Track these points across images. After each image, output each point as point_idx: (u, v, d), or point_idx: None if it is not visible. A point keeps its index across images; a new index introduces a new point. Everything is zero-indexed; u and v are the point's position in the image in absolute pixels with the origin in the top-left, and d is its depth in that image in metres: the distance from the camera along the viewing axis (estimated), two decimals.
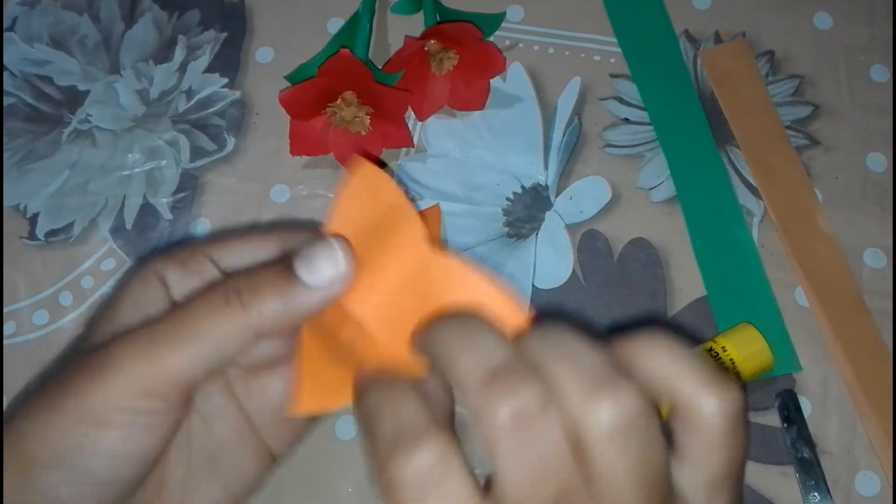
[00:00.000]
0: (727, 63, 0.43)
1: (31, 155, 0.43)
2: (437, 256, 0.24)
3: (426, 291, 0.24)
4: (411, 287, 0.25)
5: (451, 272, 0.24)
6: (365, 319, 0.24)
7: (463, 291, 0.24)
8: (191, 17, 0.46)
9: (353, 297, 0.25)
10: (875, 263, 0.39)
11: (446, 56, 0.42)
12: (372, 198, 0.25)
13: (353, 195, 0.26)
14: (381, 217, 0.25)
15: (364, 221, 0.25)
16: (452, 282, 0.24)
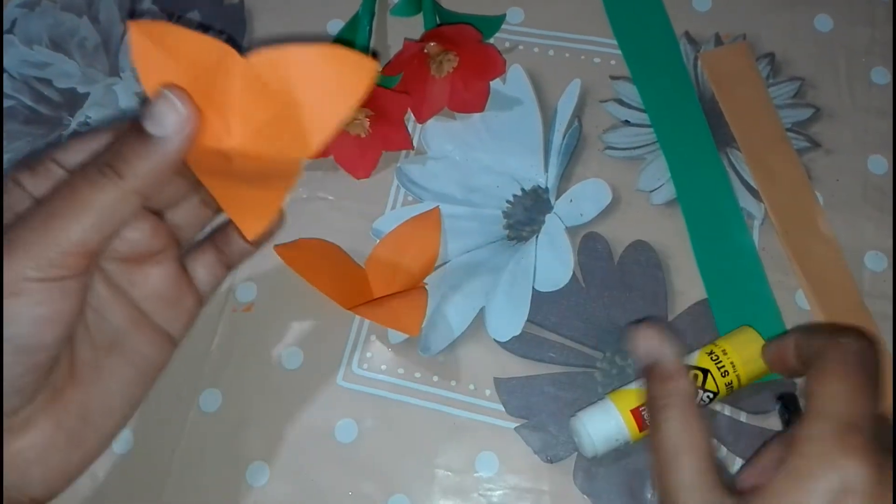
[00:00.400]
0: (728, 65, 0.43)
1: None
2: (257, 57, 0.27)
3: (276, 90, 0.27)
4: (260, 99, 0.27)
5: (284, 61, 0.27)
6: (236, 146, 0.27)
7: (307, 68, 0.27)
8: (190, 20, 0.46)
9: (213, 136, 0.27)
10: (876, 266, 0.39)
11: (446, 58, 0.41)
12: (163, 48, 0.27)
13: (145, 53, 0.27)
14: (182, 58, 0.27)
15: (171, 70, 0.27)
16: (294, 65, 0.27)
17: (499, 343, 0.39)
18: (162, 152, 0.27)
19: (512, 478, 0.36)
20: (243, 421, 0.38)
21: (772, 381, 0.37)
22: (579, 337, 0.38)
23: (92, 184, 0.26)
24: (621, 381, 0.38)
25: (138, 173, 0.26)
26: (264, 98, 0.27)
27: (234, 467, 0.37)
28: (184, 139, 0.27)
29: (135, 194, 0.27)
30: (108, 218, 0.27)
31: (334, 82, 0.27)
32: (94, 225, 0.26)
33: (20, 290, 0.26)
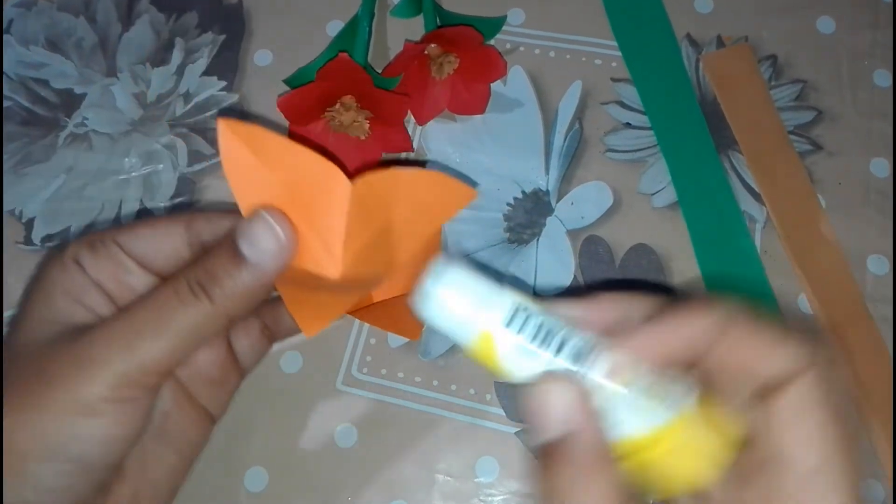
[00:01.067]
0: (729, 67, 0.43)
1: (26, 159, 0.43)
2: (364, 181, 0.25)
3: (376, 212, 0.26)
4: (363, 224, 0.26)
5: (387, 183, 0.25)
6: (336, 273, 0.26)
7: (408, 192, 0.26)
8: (189, 19, 0.46)
9: (312, 260, 0.26)
10: (878, 270, 0.39)
11: (446, 60, 0.41)
12: (257, 153, 0.25)
13: (236, 156, 0.26)
14: (281, 170, 0.26)
15: (267, 181, 0.26)
16: (395, 189, 0.26)
17: None
18: (256, 277, 0.26)
19: (512, 483, 0.36)
20: (241, 426, 0.38)
21: None
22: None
23: (182, 303, 0.26)
24: None
25: (229, 296, 0.26)
26: (366, 223, 0.26)
27: (232, 472, 0.37)
28: (280, 265, 0.26)
29: (222, 318, 0.26)
30: (193, 339, 0.26)
31: (433, 204, 0.26)
32: (178, 346, 0.26)
33: (96, 411, 0.25)
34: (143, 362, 0.25)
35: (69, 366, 0.25)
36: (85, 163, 0.43)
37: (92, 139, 0.43)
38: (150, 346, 0.25)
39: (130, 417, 0.26)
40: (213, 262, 0.26)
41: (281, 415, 0.38)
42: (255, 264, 0.26)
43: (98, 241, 0.28)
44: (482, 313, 0.22)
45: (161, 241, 0.29)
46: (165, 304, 0.26)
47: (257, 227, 0.26)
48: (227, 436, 0.37)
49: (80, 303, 0.27)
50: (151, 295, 0.27)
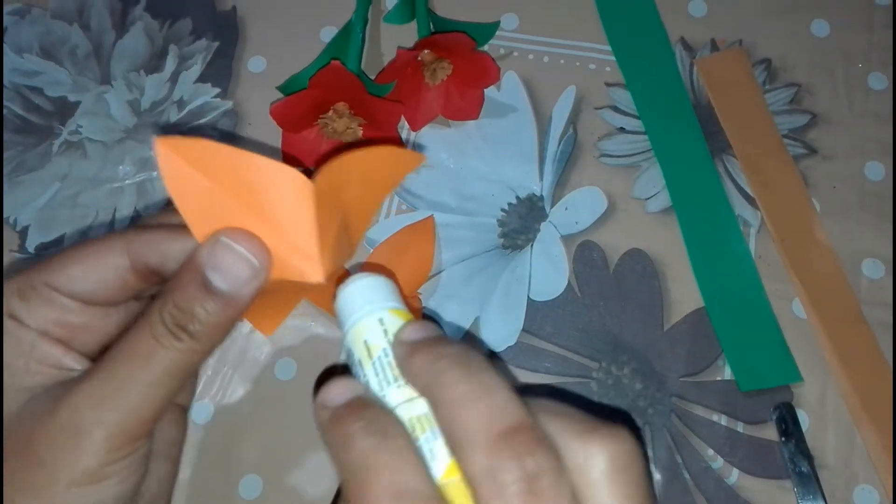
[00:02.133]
0: (724, 71, 0.43)
1: (21, 167, 0.43)
2: (322, 177, 0.24)
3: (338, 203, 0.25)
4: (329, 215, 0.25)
5: (342, 170, 0.24)
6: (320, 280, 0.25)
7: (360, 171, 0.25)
8: (182, 26, 0.46)
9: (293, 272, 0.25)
10: (873, 274, 0.39)
11: (440, 66, 0.41)
12: (202, 168, 0.24)
13: (178, 174, 0.24)
14: (232, 181, 0.24)
15: (218, 195, 0.24)
16: (349, 173, 0.24)
17: (494, 353, 0.38)
18: (232, 307, 0.25)
19: None
20: (236, 433, 0.38)
21: (769, 391, 0.37)
22: (575, 347, 0.38)
23: (164, 347, 0.25)
24: (617, 391, 0.37)
25: (209, 331, 0.25)
26: (331, 217, 0.25)
27: (226, 480, 0.37)
28: (256, 287, 0.25)
29: (205, 352, 0.26)
30: (181, 377, 0.25)
31: (382, 177, 0.26)
32: (168, 389, 0.25)
33: (99, 476, 0.25)
34: (137, 415, 0.25)
35: (60, 439, 0.24)
36: (79, 170, 0.43)
37: (86, 147, 0.43)
38: (140, 397, 0.25)
39: (135, 469, 0.26)
40: (182, 296, 0.25)
41: (275, 422, 0.38)
42: (228, 294, 0.25)
43: (28, 287, 0.26)
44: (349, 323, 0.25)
45: (98, 274, 0.27)
46: (147, 352, 0.25)
47: (224, 257, 0.24)
48: (221, 444, 0.37)
49: (35, 360, 0.26)
50: (128, 343, 0.25)
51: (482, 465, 0.20)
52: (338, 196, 0.25)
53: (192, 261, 0.25)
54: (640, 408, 0.37)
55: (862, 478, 0.36)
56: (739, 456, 0.36)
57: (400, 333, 0.24)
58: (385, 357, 0.24)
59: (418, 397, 0.23)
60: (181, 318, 0.25)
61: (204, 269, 0.25)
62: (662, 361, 0.38)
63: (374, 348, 0.24)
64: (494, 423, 0.20)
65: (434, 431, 0.22)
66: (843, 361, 0.37)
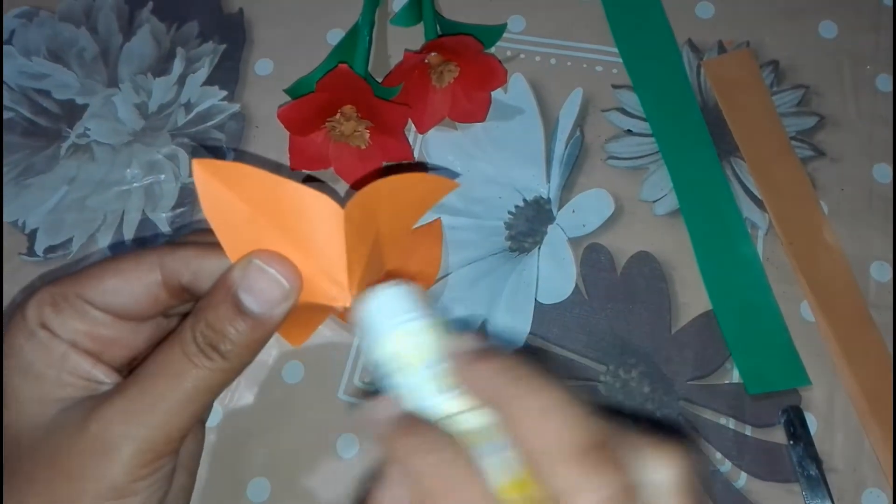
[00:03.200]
0: (731, 73, 0.43)
1: (29, 170, 0.43)
2: (354, 203, 0.24)
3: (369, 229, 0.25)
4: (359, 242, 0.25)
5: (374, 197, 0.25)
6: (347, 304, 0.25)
7: (392, 198, 0.25)
8: (189, 29, 0.46)
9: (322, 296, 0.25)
10: (881, 276, 0.39)
11: (447, 69, 0.41)
12: (237, 191, 0.24)
13: (214, 196, 0.24)
14: (266, 205, 0.24)
15: (252, 218, 0.25)
16: (380, 200, 0.25)
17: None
18: (263, 329, 0.25)
19: None
20: (244, 436, 0.38)
21: (777, 394, 0.37)
22: (582, 350, 0.38)
23: (195, 366, 0.25)
24: (625, 394, 0.37)
25: (240, 352, 0.25)
26: (362, 243, 0.25)
27: (235, 483, 0.37)
28: (287, 309, 0.25)
29: (234, 372, 0.26)
30: (211, 396, 0.26)
31: (414, 203, 0.26)
32: (197, 407, 0.25)
33: (127, 492, 0.25)
34: (166, 432, 0.25)
35: (89, 454, 0.25)
36: (87, 174, 0.43)
37: (94, 150, 0.43)
38: (170, 414, 0.25)
39: (161, 486, 0.26)
40: (215, 316, 0.25)
41: (283, 425, 0.38)
42: (259, 315, 0.25)
43: (61, 298, 0.27)
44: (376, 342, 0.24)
45: (132, 288, 0.27)
46: (178, 370, 0.25)
47: (256, 278, 0.25)
48: (229, 447, 0.37)
49: (66, 371, 0.26)
50: (160, 360, 0.26)
51: (567, 478, 0.19)
52: (369, 222, 0.25)
53: (225, 281, 0.25)
54: (648, 411, 0.37)
55: (870, 481, 0.35)
56: (747, 459, 0.36)
57: (457, 344, 0.23)
58: (432, 367, 0.23)
59: (478, 408, 0.22)
60: (213, 337, 0.25)
61: (236, 289, 0.25)
62: (670, 365, 0.38)
63: (419, 358, 0.23)
64: (576, 436, 0.20)
65: (502, 442, 0.21)
66: (851, 364, 0.37)
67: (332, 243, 0.24)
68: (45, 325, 0.26)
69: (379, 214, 0.26)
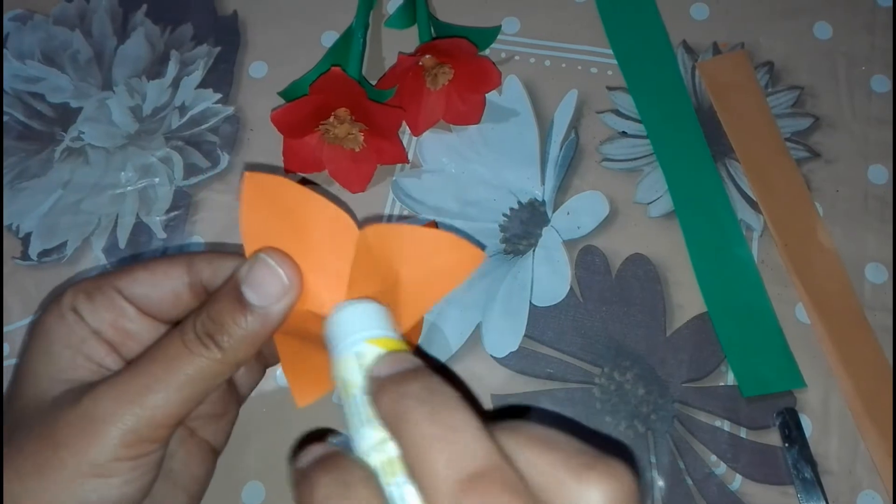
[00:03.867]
0: (726, 74, 0.43)
1: (23, 174, 0.43)
2: (372, 230, 0.25)
3: (384, 265, 0.26)
4: (370, 273, 0.26)
5: (396, 238, 0.25)
6: None
7: (417, 250, 0.26)
8: (184, 32, 0.46)
9: (315, 303, 0.26)
10: (876, 278, 0.39)
11: (441, 71, 0.41)
12: (274, 203, 0.26)
13: (254, 206, 0.26)
14: (293, 217, 0.26)
15: (277, 228, 0.26)
16: (403, 245, 0.26)
17: (496, 359, 0.38)
18: (261, 322, 0.26)
19: None
20: (239, 440, 0.37)
21: (772, 396, 0.37)
22: (577, 352, 0.38)
23: (191, 353, 0.26)
24: (620, 396, 0.37)
25: (236, 344, 0.26)
26: (373, 273, 0.26)
27: (229, 487, 0.37)
28: (284, 309, 0.26)
29: (230, 365, 0.26)
30: (204, 388, 0.26)
31: (442, 267, 0.26)
32: (189, 396, 0.26)
33: (107, 472, 0.25)
34: (154, 416, 0.25)
35: (77, 427, 0.25)
36: (81, 177, 0.43)
37: (88, 153, 0.43)
38: (161, 399, 0.25)
39: (142, 473, 0.26)
40: (217, 308, 0.26)
41: (278, 429, 0.38)
42: (259, 309, 0.26)
43: (95, 288, 0.28)
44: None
45: (161, 285, 0.28)
46: (174, 355, 0.26)
47: (259, 271, 0.26)
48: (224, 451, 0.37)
49: (82, 354, 0.27)
50: (158, 346, 0.26)
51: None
52: (387, 261, 0.26)
53: (233, 277, 0.26)
54: (643, 413, 0.37)
55: (866, 483, 0.35)
56: (742, 462, 0.36)
57: (372, 369, 0.22)
58: (360, 395, 0.22)
59: (386, 438, 0.21)
60: (212, 328, 0.26)
61: (240, 283, 0.26)
62: (665, 367, 0.38)
63: (351, 386, 0.23)
64: (459, 466, 0.19)
65: (403, 477, 0.20)
66: (846, 366, 0.37)
67: (340, 258, 0.26)
68: (75, 310, 0.27)
69: (401, 261, 0.26)
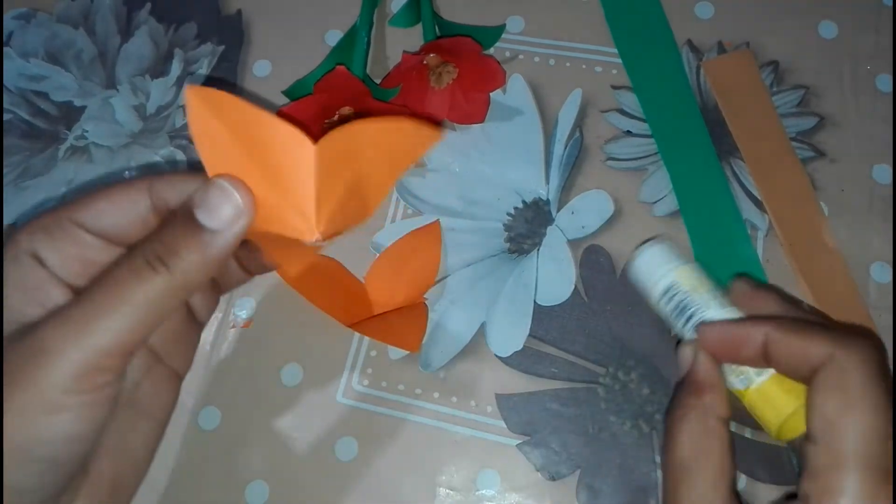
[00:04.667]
0: (731, 73, 0.43)
1: (27, 172, 0.43)
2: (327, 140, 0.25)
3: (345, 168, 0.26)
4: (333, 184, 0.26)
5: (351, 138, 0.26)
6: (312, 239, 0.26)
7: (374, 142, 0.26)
8: (188, 30, 0.46)
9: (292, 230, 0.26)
10: (881, 278, 0.39)
11: (445, 70, 0.41)
12: (222, 119, 0.25)
13: (203, 122, 0.25)
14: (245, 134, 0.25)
15: (232, 145, 0.26)
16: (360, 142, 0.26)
17: (500, 358, 0.38)
18: (214, 246, 0.25)
19: (514, 496, 0.36)
20: (242, 439, 0.38)
21: None
22: (582, 352, 0.38)
23: (140, 278, 0.24)
24: (624, 396, 0.37)
25: (187, 267, 0.25)
26: (335, 181, 0.26)
27: (233, 486, 0.37)
28: (237, 233, 0.25)
29: (182, 289, 0.25)
30: (155, 314, 0.25)
31: (401, 150, 0.27)
32: (139, 323, 0.24)
33: (59, 407, 0.23)
34: (103, 345, 0.24)
35: (24, 362, 0.24)
36: (85, 175, 0.43)
37: (92, 152, 0.43)
38: (109, 326, 0.24)
39: (97, 407, 0.24)
40: (169, 233, 0.25)
41: (281, 428, 0.38)
42: (213, 232, 0.25)
43: (53, 224, 0.26)
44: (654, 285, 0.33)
45: (123, 211, 0.27)
46: (121, 282, 0.24)
47: (213, 194, 0.25)
48: (227, 449, 0.37)
49: (36, 301, 0.25)
50: (105, 274, 0.25)
51: None
52: (347, 162, 0.26)
53: (185, 201, 0.26)
54: (648, 413, 0.37)
55: None
56: (747, 462, 0.36)
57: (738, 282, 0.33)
58: (714, 291, 0.32)
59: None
60: (162, 251, 0.25)
61: (193, 205, 0.25)
62: (670, 366, 0.38)
63: (706, 283, 0.32)
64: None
65: None
66: None
67: (302, 178, 0.25)
68: (34, 254, 0.26)
69: (359, 155, 0.26)
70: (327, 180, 0.26)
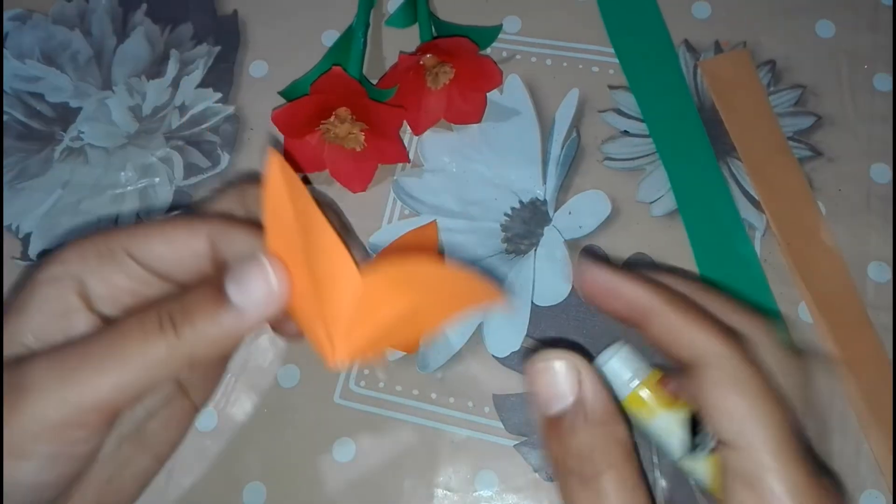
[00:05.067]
0: (728, 73, 0.43)
1: (22, 174, 0.43)
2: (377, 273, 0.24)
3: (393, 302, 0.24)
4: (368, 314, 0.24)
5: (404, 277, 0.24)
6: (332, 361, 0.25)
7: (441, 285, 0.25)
8: (183, 31, 0.46)
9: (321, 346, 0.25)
10: (879, 277, 0.39)
11: (442, 70, 0.41)
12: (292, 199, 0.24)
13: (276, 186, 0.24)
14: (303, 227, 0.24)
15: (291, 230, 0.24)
16: (414, 282, 0.24)
17: (497, 359, 0.38)
18: (236, 323, 0.23)
19: (512, 496, 0.36)
20: (239, 440, 0.37)
21: None
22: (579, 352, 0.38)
23: (144, 335, 0.22)
24: None
25: (196, 339, 0.23)
26: (386, 310, 0.24)
27: (230, 488, 0.37)
28: (260, 318, 0.23)
29: (185, 359, 0.23)
30: (147, 378, 0.23)
31: (459, 299, 0.25)
32: (128, 383, 0.22)
33: (25, 453, 0.22)
34: (85, 399, 0.22)
35: (7, 395, 0.22)
36: (81, 177, 0.43)
37: (88, 153, 0.43)
38: (97, 381, 0.22)
39: (67, 461, 0.23)
40: (192, 297, 0.23)
41: (279, 429, 0.37)
42: (238, 309, 0.23)
43: (106, 251, 0.25)
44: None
45: (178, 253, 0.26)
46: (126, 335, 0.23)
47: (250, 269, 0.23)
48: (224, 451, 0.37)
49: (59, 328, 0.24)
50: (115, 323, 0.23)
51: None
52: (404, 293, 0.24)
53: (224, 264, 0.24)
54: None
55: (869, 483, 0.35)
56: None
57: None
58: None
59: None
60: (178, 314, 0.23)
61: (226, 275, 0.23)
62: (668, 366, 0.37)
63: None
64: None
65: None
66: (849, 365, 0.37)
67: (342, 304, 0.23)
68: (78, 279, 0.24)
69: (421, 291, 0.24)
70: (367, 311, 0.24)
